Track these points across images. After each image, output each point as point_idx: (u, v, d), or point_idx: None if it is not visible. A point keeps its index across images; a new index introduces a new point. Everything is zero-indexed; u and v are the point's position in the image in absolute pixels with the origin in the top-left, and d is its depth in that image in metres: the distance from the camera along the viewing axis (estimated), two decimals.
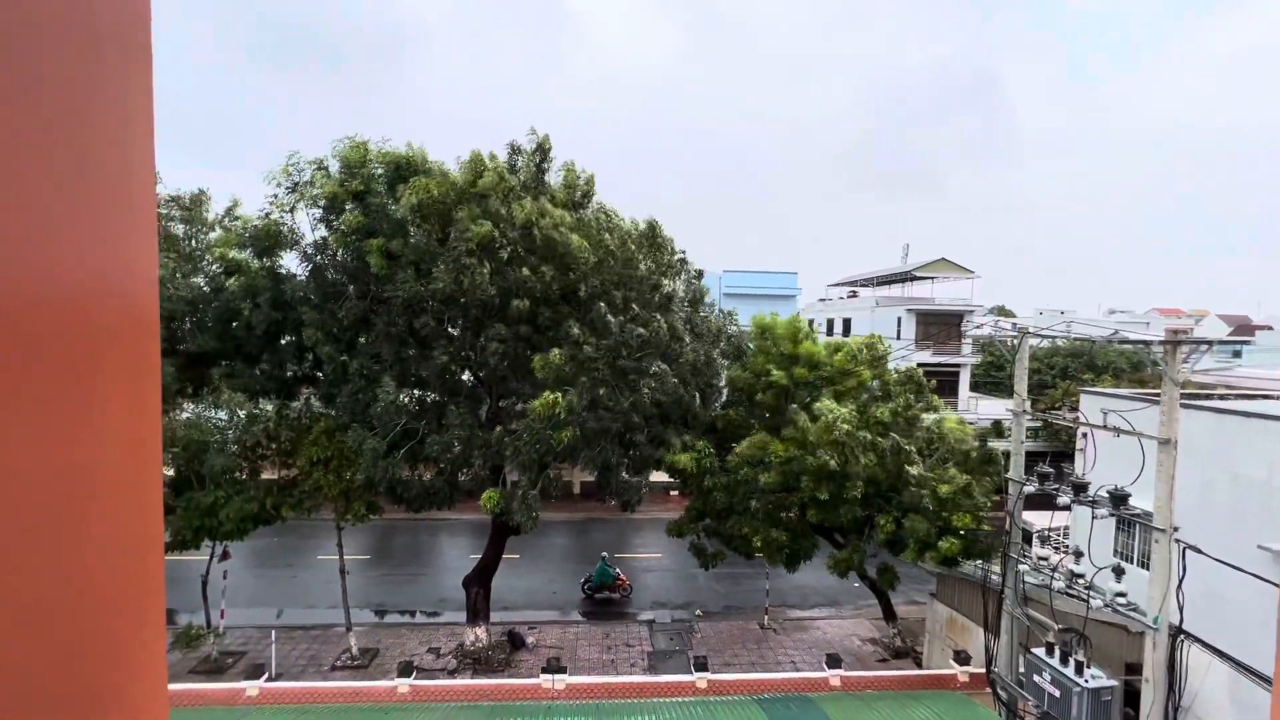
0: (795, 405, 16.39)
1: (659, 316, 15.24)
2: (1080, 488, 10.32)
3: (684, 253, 17.52)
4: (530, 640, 19.51)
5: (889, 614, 19.63)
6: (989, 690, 12.12)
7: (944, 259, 41.80)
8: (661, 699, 12.92)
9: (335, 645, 18.94)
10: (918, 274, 43.14)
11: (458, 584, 19.47)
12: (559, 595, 23.51)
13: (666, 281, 16.02)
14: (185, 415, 17.08)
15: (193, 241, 17.09)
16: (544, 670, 16.44)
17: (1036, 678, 10.05)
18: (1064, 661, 9.72)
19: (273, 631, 17.87)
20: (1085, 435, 12.89)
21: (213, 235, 17.31)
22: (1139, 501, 10.12)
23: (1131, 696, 11.39)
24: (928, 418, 17.36)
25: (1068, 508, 10.98)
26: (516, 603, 22.51)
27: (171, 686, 13.89)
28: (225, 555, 18.23)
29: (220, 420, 16.66)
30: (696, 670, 13.81)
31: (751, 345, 18.97)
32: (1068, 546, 16.52)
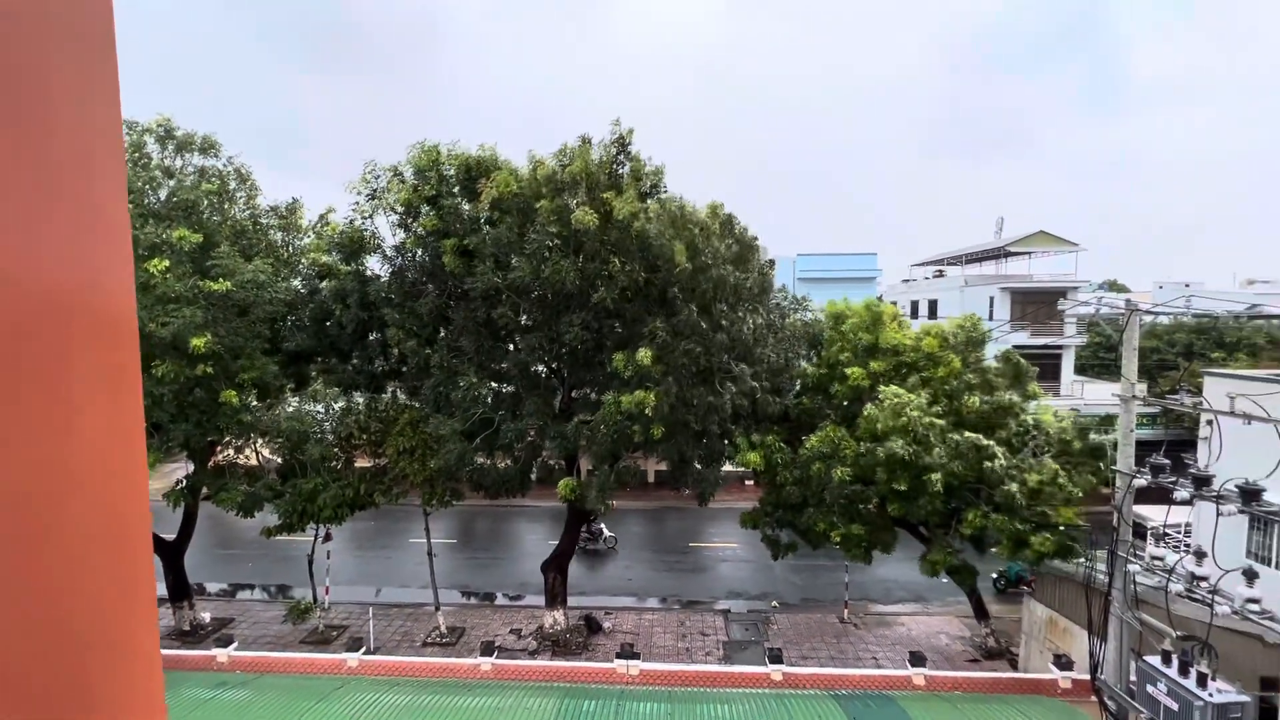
0: (875, 399, 15.66)
1: (744, 317, 14.99)
2: (1202, 481, 9.24)
3: (756, 239, 17.06)
4: (607, 625, 19.88)
5: (980, 612, 18.48)
6: (1094, 699, 11.17)
7: (1042, 231, 38.47)
8: (735, 689, 12.82)
9: (426, 623, 20.07)
10: (1013, 249, 39.98)
11: (537, 568, 20.14)
12: (634, 582, 23.83)
13: (748, 278, 15.67)
14: (290, 409, 18.53)
15: (289, 248, 18.46)
16: (619, 655, 16.75)
17: (1150, 689, 9.14)
18: (1183, 672, 8.78)
19: (370, 609, 19.18)
20: (1210, 422, 11.51)
21: (305, 241, 18.63)
22: (1277, 496, 8.93)
23: (1269, 714, 10.13)
24: (1029, 406, 16.10)
25: (1189, 502, 9.86)
26: (593, 588, 22.98)
27: (284, 654, 15.26)
28: (328, 537, 19.71)
29: (318, 413, 17.99)
30: (772, 662, 13.60)
31: (826, 334, 18.27)
32: (1188, 545, 14.90)
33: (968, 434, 14.45)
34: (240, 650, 14.84)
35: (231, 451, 17.81)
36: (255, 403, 17.18)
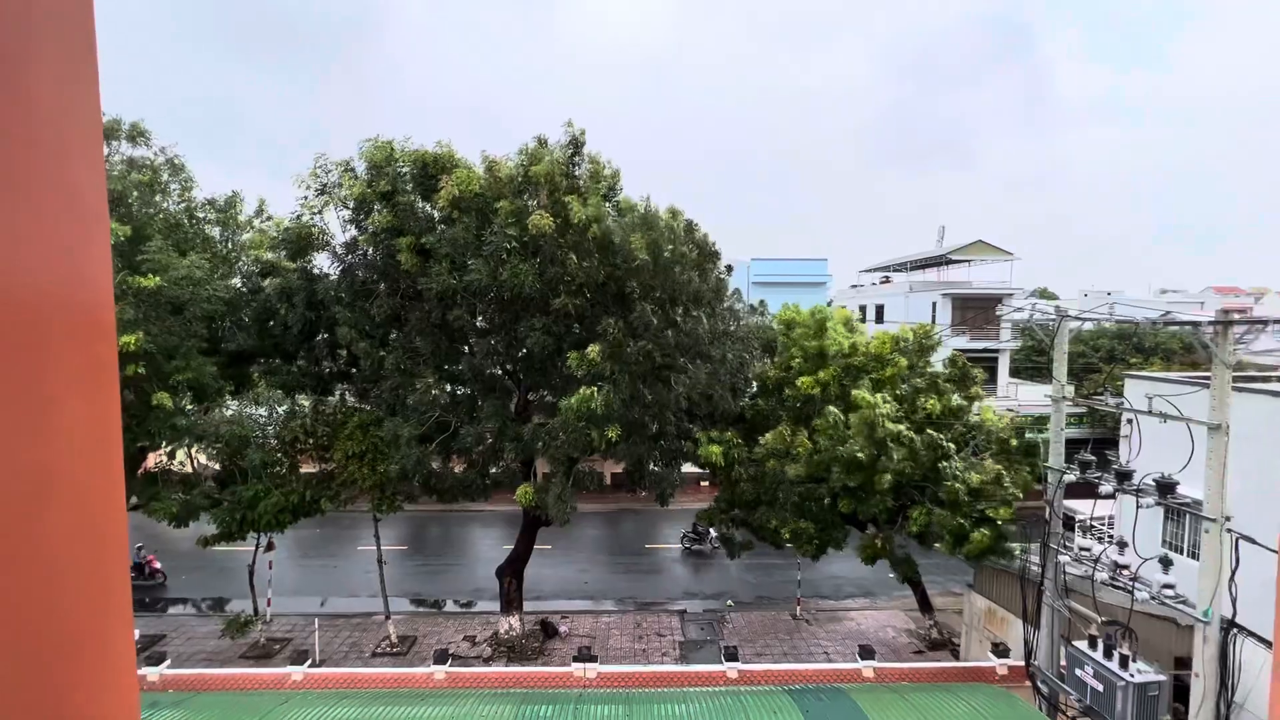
0: (828, 403, 16.14)
1: (699, 315, 15.19)
2: (1124, 476, 9.92)
3: (715, 244, 17.29)
4: (563, 629, 19.79)
5: (925, 605, 19.27)
6: (1028, 683, 11.81)
7: (981, 241, 40.53)
8: (692, 688, 12.95)
9: (375, 633, 19.50)
10: (954, 257, 41.93)
11: (491, 574, 19.88)
12: (591, 585, 23.76)
13: (705, 283, 15.92)
14: (228, 412, 17.70)
15: (228, 243, 17.65)
16: (575, 659, 16.66)
17: (1078, 671, 9.75)
18: (1107, 655, 9.40)
19: (316, 619, 18.53)
20: (1130, 421, 12.37)
21: (245, 236, 17.86)
22: (1188, 490, 9.68)
23: (1182, 692, 10.95)
24: (973, 407, 16.92)
25: (1111, 496, 10.57)
26: (549, 592, 22.80)
27: (222, 670, 14.53)
28: (270, 546, 18.93)
29: (260, 416, 17.25)
30: (727, 660, 13.81)
31: (780, 339, 18.74)
32: (1111, 536, 15.93)
33: (929, 432, 15.06)
34: (173, 668, 14.05)
35: (165, 458, 16.87)
36: (191, 406, 16.34)
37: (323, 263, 16.73)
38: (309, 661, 14.25)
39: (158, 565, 22.86)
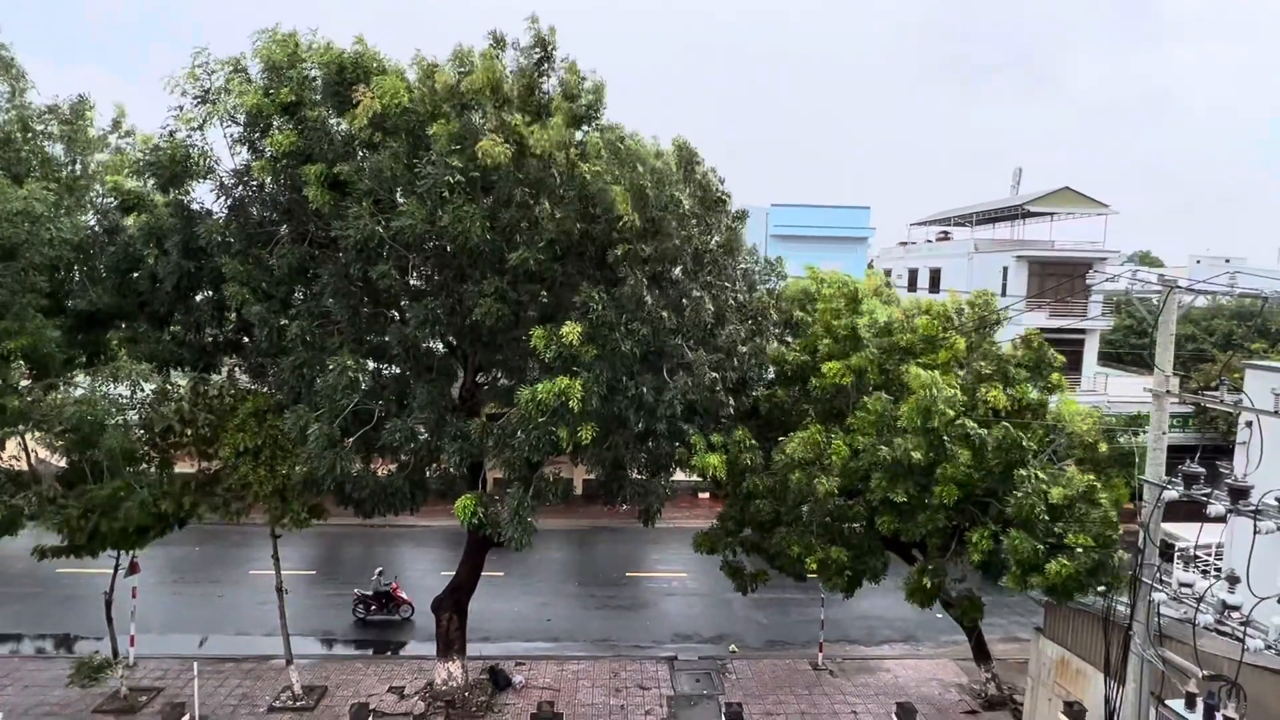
0: (864, 393, 16.27)
1: (703, 295, 15.16)
2: (1239, 492, 10.11)
3: (725, 183, 17.19)
4: (518, 679, 20.04)
5: (981, 653, 19.71)
6: None
7: (1068, 188, 40.81)
8: None
9: (273, 681, 19.58)
10: (1032, 209, 42.23)
11: (425, 608, 20.02)
12: (555, 624, 24.01)
13: (711, 238, 15.84)
14: (77, 391, 17.45)
15: (76, 166, 17.26)
16: (534, 717, 16.90)
17: None
18: (1208, 717, 9.70)
19: (195, 664, 18.55)
20: (1249, 424, 12.61)
21: (100, 157, 17.45)
22: None
23: None
24: (1051, 401, 17.12)
25: (1222, 519, 10.80)
26: (500, 632, 22.98)
27: None
28: (134, 568, 18.83)
29: (121, 397, 17.04)
30: None
31: (798, 315, 18.81)
32: (1220, 570, 16.37)
33: (1005, 424, 15.23)
34: None
35: None
36: (27, 382, 16.13)
37: (204, 196, 16.43)
38: (186, 718, 14.33)
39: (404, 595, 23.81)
